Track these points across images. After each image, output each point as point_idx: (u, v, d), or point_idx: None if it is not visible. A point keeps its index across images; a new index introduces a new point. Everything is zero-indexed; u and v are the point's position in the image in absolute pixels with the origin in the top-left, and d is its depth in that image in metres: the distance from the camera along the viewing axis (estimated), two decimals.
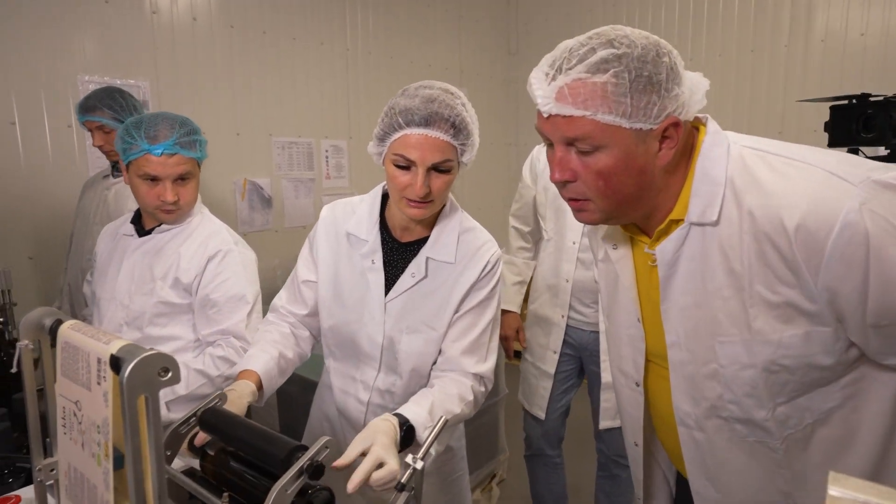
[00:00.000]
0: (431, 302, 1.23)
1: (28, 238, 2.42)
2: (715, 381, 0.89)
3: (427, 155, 1.11)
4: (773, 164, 0.82)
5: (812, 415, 0.87)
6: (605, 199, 0.87)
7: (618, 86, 0.79)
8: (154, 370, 0.57)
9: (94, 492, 0.67)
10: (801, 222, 0.76)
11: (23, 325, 0.75)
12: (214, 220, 1.60)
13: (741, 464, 0.92)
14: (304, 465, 0.75)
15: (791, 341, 0.81)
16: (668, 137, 0.83)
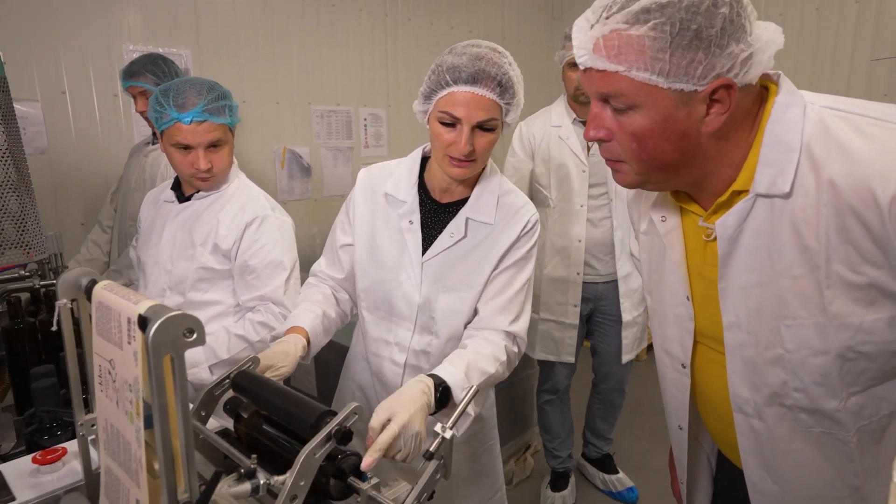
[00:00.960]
0: (469, 261, 1.24)
1: (79, 204, 2.50)
2: (779, 367, 0.81)
3: (473, 113, 1.10)
4: (860, 126, 0.72)
5: (889, 405, 0.79)
6: (639, 163, 0.80)
7: (656, 40, 0.71)
8: (179, 331, 0.57)
9: (128, 448, 0.69)
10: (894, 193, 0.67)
11: (60, 285, 0.76)
12: (252, 186, 1.60)
13: (804, 456, 0.85)
14: (333, 430, 0.74)
15: (873, 326, 0.73)
16: (719, 101, 0.74)
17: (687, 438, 1.03)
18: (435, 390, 1.01)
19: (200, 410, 0.91)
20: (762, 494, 0.93)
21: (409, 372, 1.28)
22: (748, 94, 0.77)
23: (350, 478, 0.77)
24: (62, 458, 0.86)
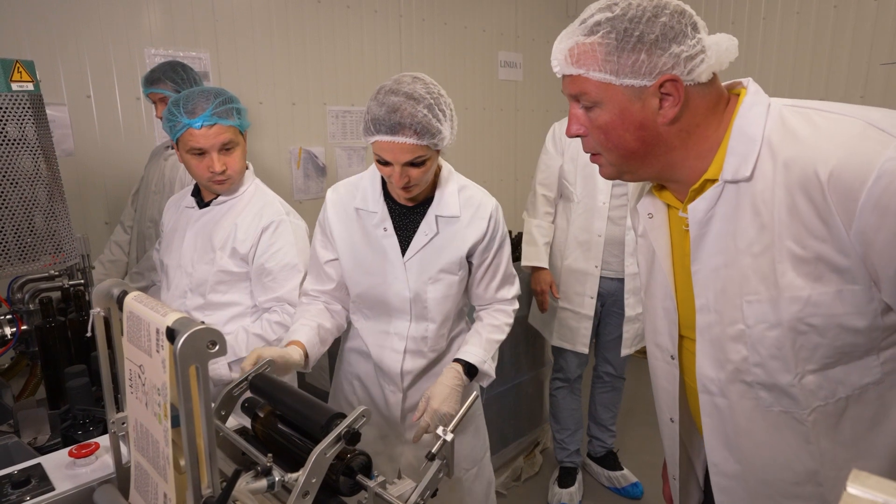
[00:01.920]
0: (446, 253, 1.41)
1: (103, 204, 2.60)
2: (741, 343, 0.89)
3: (398, 156, 1.25)
4: (810, 116, 0.82)
5: (846, 389, 0.85)
6: (609, 152, 0.92)
7: (606, 45, 0.84)
8: (203, 343, 0.63)
9: (156, 446, 0.75)
10: (834, 170, 0.76)
11: (95, 295, 0.83)
12: (267, 191, 1.66)
13: (765, 435, 0.91)
14: (342, 431, 0.80)
15: (821, 299, 0.80)
16: (669, 94, 0.85)
17: (678, 431, 1.08)
18: (464, 371, 1.38)
19: (220, 410, 0.98)
20: (724, 476, 0.98)
21: (409, 357, 1.46)
22: (707, 94, 0.87)
23: (358, 476, 0.83)
24: (95, 452, 0.93)
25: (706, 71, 0.84)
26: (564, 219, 2.39)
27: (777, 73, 3.58)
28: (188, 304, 1.60)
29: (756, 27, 3.63)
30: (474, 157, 4.02)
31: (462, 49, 3.89)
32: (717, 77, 0.89)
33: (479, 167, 4.07)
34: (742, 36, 3.69)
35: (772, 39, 3.59)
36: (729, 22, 3.73)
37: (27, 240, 1.17)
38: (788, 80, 3.54)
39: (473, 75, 3.99)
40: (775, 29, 3.57)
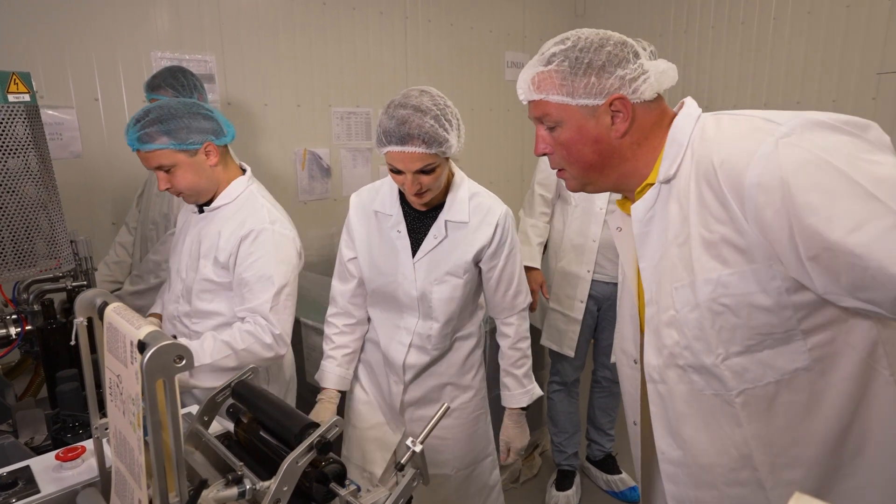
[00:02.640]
0: (453, 257, 1.49)
1: (109, 205, 2.65)
2: (673, 328, 0.96)
3: (409, 165, 1.33)
4: (720, 119, 0.93)
5: (775, 373, 0.89)
6: (572, 166, 1.02)
7: (561, 72, 0.96)
8: (170, 357, 0.65)
9: (132, 454, 0.78)
10: (724, 157, 0.86)
11: (78, 304, 0.86)
12: (257, 198, 1.62)
13: (701, 420, 0.97)
14: (314, 441, 0.82)
15: (729, 279, 0.88)
16: (619, 111, 0.96)
17: (640, 433, 1.14)
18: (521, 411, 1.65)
19: (204, 416, 1.00)
20: (670, 463, 1.03)
21: (413, 351, 1.55)
22: (652, 110, 0.99)
23: (332, 483, 0.85)
24: (81, 455, 0.97)
25: (648, 90, 0.96)
26: (561, 221, 2.39)
27: (787, 73, 3.53)
28: (179, 310, 1.63)
29: (766, 26, 3.59)
30: (481, 157, 4.02)
31: (468, 50, 3.90)
32: (661, 96, 1.01)
33: (485, 168, 4.07)
34: (751, 35, 3.65)
35: (781, 39, 3.54)
36: (739, 21, 3.69)
37: (24, 245, 1.20)
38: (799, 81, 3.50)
39: (480, 76, 3.99)
40: (786, 28, 3.52)
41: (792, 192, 0.78)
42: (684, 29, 3.92)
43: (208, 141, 1.53)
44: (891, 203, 0.73)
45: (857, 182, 0.75)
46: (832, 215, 0.76)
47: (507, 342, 1.63)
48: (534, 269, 2.37)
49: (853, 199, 0.75)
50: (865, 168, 0.76)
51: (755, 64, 3.67)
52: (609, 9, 4.31)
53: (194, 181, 1.55)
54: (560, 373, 2.53)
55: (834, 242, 0.76)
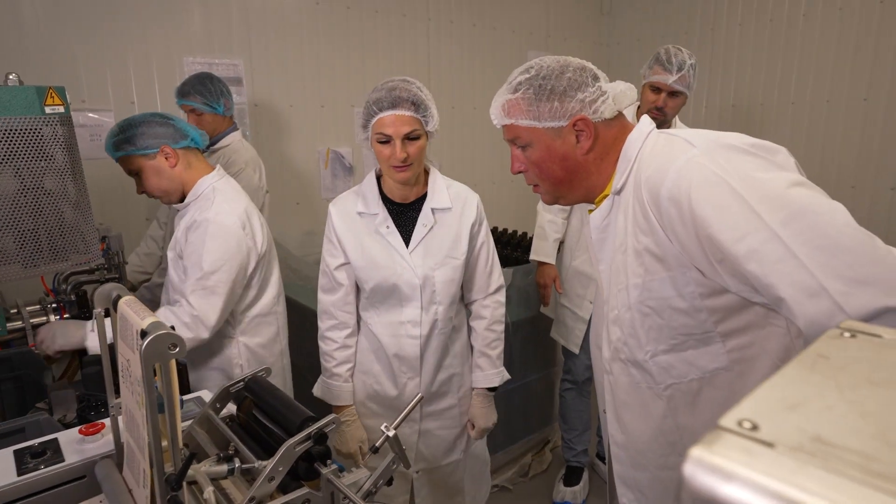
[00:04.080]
0: (446, 241, 1.60)
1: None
2: (616, 325, 1.06)
3: (399, 128, 1.44)
4: (658, 139, 1.02)
5: (697, 371, 0.98)
6: (544, 182, 1.12)
7: (526, 99, 1.05)
8: (165, 345, 0.75)
9: (138, 430, 0.88)
10: (648, 175, 0.96)
11: (97, 297, 0.96)
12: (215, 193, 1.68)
13: (638, 409, 1.07)
14: (313, 431, 0.91)
15: (651, 285, 0.98)
16: (581, 131, 1.05)
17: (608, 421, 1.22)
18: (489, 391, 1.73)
19: (216, 402, 1.11)
20: (616, 445, 1.15)
21: (425, 341, 1.62)
22: (612, 127, 1.07)
23: (315, 463, 0.94)
24: (101, 431, 1.08)
25: (608, 109, 1.05)
26: (579, 219, 2.41)
27: (816, 72, 3.46)
28: (171, 300, 1.72)
29: (795, 24, 3.52)
30: (502, 157, 4.07)
31: (491, 50, 3.94)
32: (621, 114, 1.09)
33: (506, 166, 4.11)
34: (780, 33, 3.58)
35: (811, 36, 3.46)
36: (767, 19, 3.63)
37: (57, 241, 1.33)
38: (828, 79, 3.42)
39: (503, 76, 3.98)
40: (816, 26, 3.44)
41: (692, 205, 0.88)
42: (711, 27, 3.87)
43: (164, 144, 1.63)
44: (768, 219, 0.81)
45: (744, 198, 0.84)
46: (721, 227, 0.85)
47: (483, 323, 1.71)
48: (547, 265, 2.43)
49: (738, 214, 0.84)
50: (756, 186, 0.84)
51: (783, 62, 3.60)
52: (636, 6, 4.28)
53: (157, 183, 1.67)
54: (571, 371, 2.58)
55: (725, 250, 0.85)
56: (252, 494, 0.88)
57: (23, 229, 1.29)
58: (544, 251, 2.43)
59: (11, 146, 1.24)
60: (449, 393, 1.69)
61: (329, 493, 0.92)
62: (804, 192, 0.83)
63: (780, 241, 0.80)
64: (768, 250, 0.80)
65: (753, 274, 0.83)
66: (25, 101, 1.23)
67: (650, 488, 1.10)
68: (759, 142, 0.91)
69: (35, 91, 1.24)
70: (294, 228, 3.24)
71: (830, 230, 0.78)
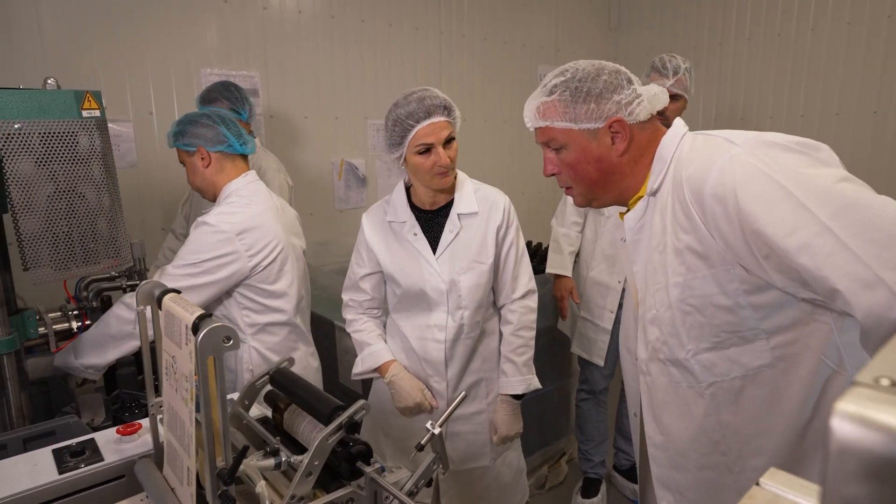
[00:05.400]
0: (473, 245, 1.61)
1: (160, 211, 2.83)
2: (654, 325, 1.06)
3: (440, 134, 1.48)
4: (696, 139, 1.04)
5: (740, 369, 0.98)
6: (578, 183, 1.12)
7: (563, 101, 1.06)
8: (220, 338, 0.75)
9: (183, 426, 0.88)
10: (690, 173, 0.97)
11: (139, 294, 0.97)
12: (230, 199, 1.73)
13: (677, 408, 1.06)
14: (343, 420, 0.91)
15: (693, 283, 0.99)
16: (617, 132, 1.06)
17: (640, 424, 1.22)
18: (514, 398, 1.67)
19: (244, 399, 1.10)
20: (654, 446, 1.13)
21: (450, 345, 1.63)
22: (646, 129, 1.09)
23: (357, 462, 0.93)
24: (138, 431, 1.08)
25: (643, 111, 1.06)
26: (593, 230, 2.44)
27: (825, 86, 3.49)
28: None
29: (803, 38, 3.56)
30: (512, 168, 4.09)
31: (501, 63, 3.99)
32: (654, 117, 1.10)
33: (516, 179, 4.13)
34: (788, 48, 3.62)
35: (819, 51, 3.50)
36: (775, 34, 3.67)
37: (90, 245, 1.34)
38: (837, 93, 3.45)
39: (513, 89, 4.07)
40: (824, 40, 3.48)
41: (739, 201, 0.88)
42: (719, 41, 3.91)
43: (200, 145, 1.71)
44: (818, 213, 0.82)
45: (792, 193, 0.85)
46: (770, 221, 0.85)
47: (510, 328, 1.69)
48: (564, 277, 2.44)
49: (787, 208, 0.85)
50: (803, 181, 0.85)
51: (791, 76, 3.63)
52: (643, 21, 4.33)
53: (193, 179, 1.78)
54: (589, 381, 2.56)
55: (775, 245, 0.86)
56: (293, 492, 0.87)
57: (56, 232, 1.30)
58: (560, 264, 2.45)
59: (48, 149, 1.25)
60: (477, 398, 1.69)
61: (372, 493, 0.92)
62: (852, 186, 0.84)
63: (831, 234, 0.80)
64: (820, 244, 0.81)
65: (805, 267, 0.83)
66: (64, 105, 1.24)
67: (691, 489, 1.09)
68: (802, 139, 0.92)
69: (73, 95, 1.26)
70: (308, 239, 3.23)
71: (882, 223, 0.79)
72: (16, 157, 1.21)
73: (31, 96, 1.21)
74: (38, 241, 1.27)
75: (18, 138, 1.21)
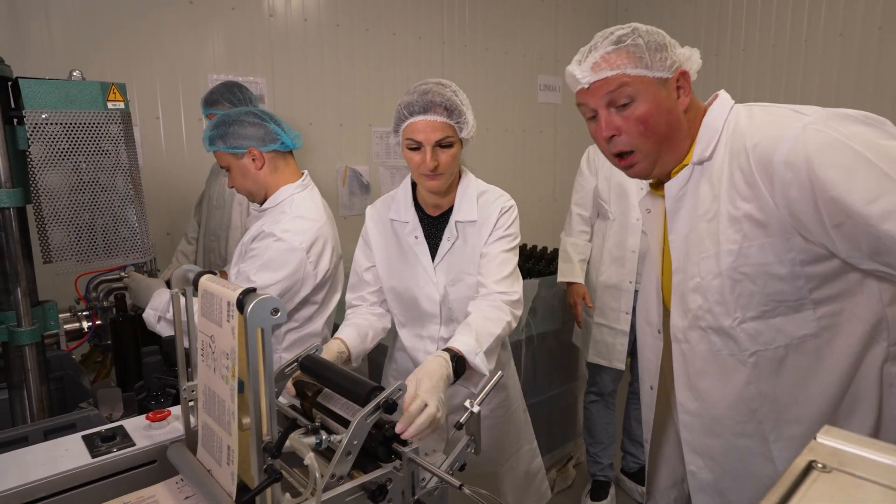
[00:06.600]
0: (467, 255, 1.50)
1: (165, 216, 2.82)
2: (697, 294, 1.06)
3: (430, 135, 1.36)
4: (752, 111, 1.05)
5: (785, 338, 0.99)
6: (646, 140, 1.07)
7: (637, 47, 1.04)
8: (268, 310, 0.75)
9: (223, 405, 0.88)
10: (756, 141, 0.97)
11: (174, 279, 0.97)
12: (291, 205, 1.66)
13: (716, 376, 1.07)
14: (381, 401, 0.91)
15: (749, 251, 0.99)
16: (681, 87, 1.07)
17: (655, 397, 1.23)
18: (451, 361, 1.21)
19: None
20: (687, 413, 1.14)
21: None
22: (692, 94, 1.09)
23: (394, 444, 0.93)
24: (167, 418, 1.07)
25: (694, 71, 1.08)
26: (600, 236, 2.47)
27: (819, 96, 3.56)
28: None
29: (797, 50, 3.64)
30: (514, 177, 4.12)
31: (503, 73, 4.04)
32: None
33: (518, 188, 4.17)
34: (782, 59, 3.70)
35: (813, 62, 3.57)
36: (770, 45, 3.75)
37: (112, 237, 1.33)
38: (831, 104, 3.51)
39: (514, 98, 4.13)
40: (817, 52, 3.56)
41: (815, 169, 0.89)
42: (714, 52, 4.00)
43: (252, 146, 1.63)
44: None
45: (873, 162, 0.86)
46: (851, 188, 0.86)
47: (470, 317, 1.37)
48: (576, 284, 2.46)
49: (869, 176, 0.86)
50: (882, 150, 0.87)
51: (786, 87, 3.71)
52: None
53: (242, 182, 1.69)
54: (598, 383, 2.57)
55: (854, 212, 0.87)
56: (332, 470, 0.87)
57: (80, 223, 1.30)
58: (570, 271, 2.47)
59: (74, 139, 1.26)
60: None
61: (410, 473, 0.91)
62: None
63: None
64: None
65: (889, 234, 0.84)
66: (90, 96, 1.25)
67: (723, 455, 1.10)
68: (868, 113, 0.94)
69: (99, 86, 1.27)
70: None
71: None
72: (42, 146, 1.22)
73: (58, 87, 1.22)
74: (61, 233, 1.27)
75: (45, 128, 1.21)
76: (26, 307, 1.28)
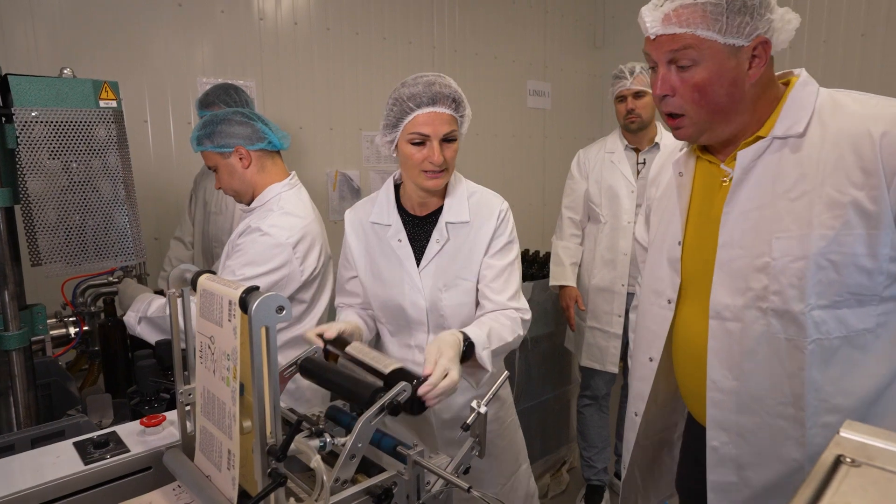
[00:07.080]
0: (459, 258, 1.42)
1: (153, 220, 2.77)
2: (763, 274, 1.01)
3: (438, 128, 1.31)
4: (855, 97, 1.01)
5: (844, 330, 0.98)
6: (699, 110, 1.02)
7: (716, 6, 0.95)
8: (273, 307, 0.73)
9: (223, 408, 0.85)
10: (887, 130, 0.93)
11: (171, 279, 0.94)
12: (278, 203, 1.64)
13: (766, 357, 1.04)
14: (385, 403, 0.89)
15: (845, 239, 0.95)
16: (758, 56, 0.98)
17: (655, 370, 1.20)
18: (463, 342, 1.21)
19: None
20: (719, 391, 1.10)
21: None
22: (771, 66, 1.02)
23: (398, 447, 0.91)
24: (162, 423, 1.04)
25: (782, 42, 1.00)
26: (592, 240, 2.47)
27: None
28: None
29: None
30: (503, 182, 4.13)
31: (492, 78, 4.05)
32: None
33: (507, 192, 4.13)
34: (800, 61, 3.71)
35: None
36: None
37: (103, 239, 1.30)
38: None
39: (503, 104, 4.14)
40: (801, 58, 3.59)
41: None
42: None
43: (239, 145, 1.61)
44: None
45: None
46: None
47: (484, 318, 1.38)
48: (568, 287, 2.45)
49: None
50: None
51: None
52: (627, 40, 4.46)
53: (229, 182, 1.67)
54: (591, 387, 2.56)
55: None
56: (337, 474, 0.85)
57: (70, 225, 1.26)
58: (562, 274, 2.47)
59: (64, 138, 1.23)
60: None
61: (415, 476, 0.90)
62: None
63: None
64: None
65: None
66: (82, 94, 1.22)
67: (753, 432, 1.07)
68: None
69: (91, 84, 1.24)
70: None
71: None
72: (32, 145, 1.18)
73: (49, 84, 1.19)
74: (51, 234, 1.23)
75: (35, 126, 1.18)
76: (14, 311, 1.24)
